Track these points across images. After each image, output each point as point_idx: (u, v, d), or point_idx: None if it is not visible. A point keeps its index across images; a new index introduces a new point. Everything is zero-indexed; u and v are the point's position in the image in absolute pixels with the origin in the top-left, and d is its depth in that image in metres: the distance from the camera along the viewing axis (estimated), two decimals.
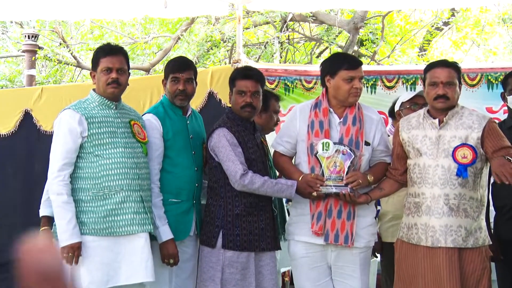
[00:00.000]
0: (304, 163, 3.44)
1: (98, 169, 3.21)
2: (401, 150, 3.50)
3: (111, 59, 3.33)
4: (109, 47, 3.43)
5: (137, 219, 3.24)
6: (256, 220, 3.47)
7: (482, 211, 3.39)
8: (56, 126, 3.29)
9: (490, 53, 11.35)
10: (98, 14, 7.89)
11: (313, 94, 5.86)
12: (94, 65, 3.38)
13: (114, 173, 3.22)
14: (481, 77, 5.45)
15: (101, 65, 3.32)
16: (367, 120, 3.45)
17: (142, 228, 3.25)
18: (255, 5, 6.19)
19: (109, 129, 3.27)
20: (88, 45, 11.39)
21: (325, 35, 10.15)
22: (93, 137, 3.23)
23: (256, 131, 3.62)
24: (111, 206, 3.20)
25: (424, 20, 11.42)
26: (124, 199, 3.22)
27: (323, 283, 3.43)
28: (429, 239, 3.31)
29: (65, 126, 3.22)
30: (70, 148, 3.19)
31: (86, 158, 3.22)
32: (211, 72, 6.29)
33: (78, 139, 3.20)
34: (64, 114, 3.27)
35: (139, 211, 3.26)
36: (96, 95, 3.34)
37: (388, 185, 3.53)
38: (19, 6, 5.67)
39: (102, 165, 3.21)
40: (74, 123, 3.21)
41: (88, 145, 3.21)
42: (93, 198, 3.20)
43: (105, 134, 3.25)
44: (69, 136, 3.20)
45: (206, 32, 10.06)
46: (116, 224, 3.21)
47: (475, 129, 3.32)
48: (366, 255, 3.47)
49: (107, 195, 3.20)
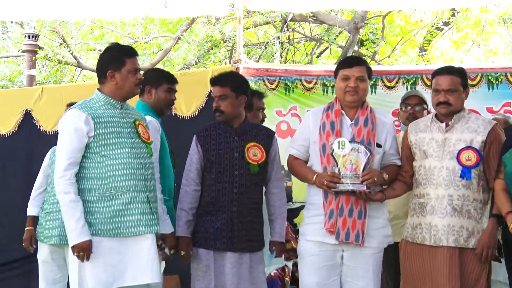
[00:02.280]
0: (317, 164, 3.48)
1: (105, 170, 3.17)
2: (410, 152, 3.60)
3: (136, 60, 3.32)
4: (131, 48, 3.41)
5: (144, 220, 3.22)
6: (214, 220, 3.54)
7: (485, 213, 3.47)
8: (61, 125, 3.23)
9: (490, 53, 11.35)
10: (98, 14, 7.90)
11: (313, 94, 5.86)
12: (115, 65, 3.28)
13: (120, 173, 3.18)
14: (481, 77, 5.46)
15: (128, 66, 3.27)
16: (379, 123, 3.49)
17: (148, 229, 3.24)
18: (256, 5, 6.19)
19: (115, 129, 3.24)
20: (88, 45, 11.41)
21: (326, 35, 10.15)
22: (100, 137, 3.18)
23: (238, 133, 3.63)
24: (117, 207, 3.18)
25: (425, 20, 11.42)
26: (131, 200, 3.20)
27: (330, 282, 3.43)
28: (432, 238, 3.41)
29: (71, 125, 3.17)
30: (75, 147, 3.15)
31: (92, 158, 3.18)
32: (212, 72, 6.28)
33: (84, 139, 3.16)
34: (70, 113, 3.21)
35: (146, 212, 3.24)
36: (101, 94, 3.29)
37: (399, 186, 3.61)
38: (19, 6, 5.68)
39: (109, 166, 3.18)
40: (80, 122, 3.15)
41: (94, 145, 3.18)
42: (100, 198, 3.17)
43: (112, 134, 3.22)
44: (74, 135, 3.15)
45: (206, 32, 10.06)
46: (123, 225, 3.19)
47: (480, 133, 3.43)
48: (379, 256, 3.49)
49: (114, 195, 3.17)
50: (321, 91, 5.81)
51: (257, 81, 5.98)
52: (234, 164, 3.57)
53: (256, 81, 5.98)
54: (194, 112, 6.21)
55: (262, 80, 5.97)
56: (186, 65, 10.41)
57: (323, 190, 3.40)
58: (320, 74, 5.89)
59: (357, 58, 3.96)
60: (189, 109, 6.26)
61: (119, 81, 3.27)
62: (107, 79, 3.28)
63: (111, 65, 3.28)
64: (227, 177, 3.55)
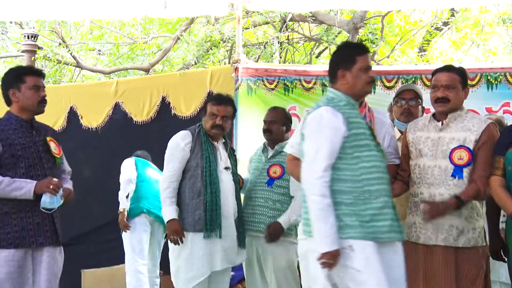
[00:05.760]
0: None
1: (359, 172, 3.02)
2: (408, 151, 3.60)
3: (367, 58, 3.22)
4: (363, 46, 3.31)
5: (394, 226, 3.06)
6: (30, 216, 3.49)
7: (478, 212, 3.45)
8: (316, 122, 3.05)
9: (489, 53, 11.34)
10: (98, 14, 7.91)
11: (312, 94, 5.87)
12: (347, 63, 3.15)
13: (373, 177, 3.04)
14: (481, 77, 5.46)
15: (359, 63, 3.14)
16: (378, 122, 3.50)
17: (400, 236, 3.11)
18: (255, 5, 6.20)
19: (363, 131, 3.11)
20: (88, 45, 11.39)
21: (325, 35, 10.14)
22: (353, 138, 3.03)
23: (35, 130, 3.66)
24: (373, 211, 3.01)
25: (424, 20, 11.42)
26: (384, 205, 3.03)
27: None
28: (422, 237, 3.43)
29: (331, 124, 3.01)
30: (335, 148, 2.99)
31: (345, 159, 3.02)
32: (211, 72, 6.30)
33: (341, 140, 3.01)
34: (327, 111, 3.04)
35: (394, 218, 3.08)
36: (342, 94, 3.14)
37: (398, 186, 3.60)
38: (19, 6, 5.68)
39: (362, 168, 3.02)
40: (339, 122, 3.01)
41: (347, 145, 3.01)
42: (355, 201, 3.00)
43: (362, 135, 3.08)
44: (335, 135, 3.00)
45: (205, 32, 10.05)
46: (379, 230, 3.01)
47: (474, 132, 3.41)
48: None
49: (368, 199, 3.01)
50: (320, 91, 5.82)
51: (256, 81, 5.98)
52: (42, 159, 3.63)
53: (255, 81, 5.98)
54: (193, 112, 6.22)
55: (261, 80, 5.97)
56: (185, 65, 10.40)
57: None
58: (319, 74, 5.90)
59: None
60: (188, 109, 6.27)
61: (352, 79, 3.14)
62: (338, 78, 3.17)
63: (345, 64, 3.16)
64: None
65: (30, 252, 3.51)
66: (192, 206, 4.02)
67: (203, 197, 4.00)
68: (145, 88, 6.58)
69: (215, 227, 3.98)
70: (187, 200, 4.04)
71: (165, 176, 4.11)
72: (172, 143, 4.13)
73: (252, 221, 4.24)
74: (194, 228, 3.99)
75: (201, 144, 4.08)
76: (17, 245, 3.44)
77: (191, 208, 4.02)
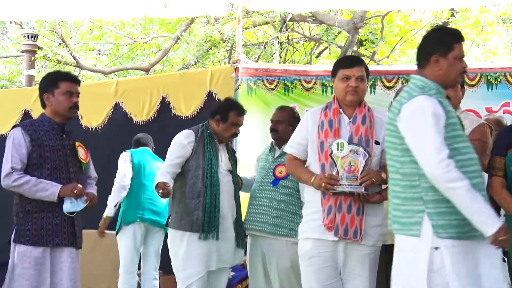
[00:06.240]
0: (314, 162, 3.47)
1: (459, 165, 2.73)
2: None
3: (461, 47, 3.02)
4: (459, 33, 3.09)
5: None
6: (51, 216, 3.61)
7: None
8: (419, 113, 2.81)
9: (489, 53, 11.35)
10: (98, 14, 7.91)
11: (312, 94, 5.87)
12: (444, 49, 2.91)
13: (471, 170, 2.81)
14: (481, 77, 5.46)
15: (456, 51, 2.93)
16: (378, 121, 3.50)
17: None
18: (255, 5, 6.20)
19: (456, 120, 2.88)
20: (88, 45, 11.41)
21: (325, 35, 10.15)
22: (451, 127, 2.81)
23: (66, 134, 3.78)
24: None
25: (424, 20, 11.42)
26: (484, 199, 2.76)
27: (332, 283, 3.43)
28: None
29: (435, 112, 2.78)
30: (443, 136, 2.78)
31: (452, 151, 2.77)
32: (211, 72, 6.30)
33: (444, 129, 2.79)
34: (426, 100, 2.80)
35: None
36: (431, 82, 2.89)
37: None
38: (19, 6, 5.68)
39: (460, 161, 2.76)
40: (441, 110, 2.80)
41: (447, 135, 2.78)
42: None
43: (457, 125, 2.87)
44: (440, 123, 2.77)
45: (205, 32, 10.06)
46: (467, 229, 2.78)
47: (465, 130, 3.37)
48: (375, 256, 3.49)
49: None
50: (320, 91, 5.82)
51: (256, 81, 5.98)
52: (68, 161, 3.74)
53: (255, 81, 5.98)
54: (193, 112, 6.22)
55: (261, 80, 5.97)
56: (185, 65, 10.42)
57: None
58: (319, 74, 5.90)
59: (356, 58, 3.96)
60: (188, 109, 6.27)
61: (445, 67, 2.91)
62: (430, 64, 2.93)
63: (438, 49, 2.92)
64: None
65: (49, 251, 3.59)
66: (191, 206, 4.02)
67: (203, 198, 4.00)
68: (145, 88, 6.59)
69: (212, 229, 3.99)
70: (187, 200, 4.05)
71: (164, 166, 4.16)
72: (176, 140, 4.17)
73: (256, 220, 4.23)
74: (191, 228, 4.00)
75: (204, 145, 4.10)
76: (34, 242, 3.55)
77: (190, 208, 4.02)
